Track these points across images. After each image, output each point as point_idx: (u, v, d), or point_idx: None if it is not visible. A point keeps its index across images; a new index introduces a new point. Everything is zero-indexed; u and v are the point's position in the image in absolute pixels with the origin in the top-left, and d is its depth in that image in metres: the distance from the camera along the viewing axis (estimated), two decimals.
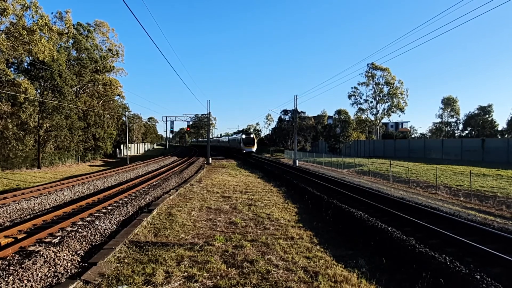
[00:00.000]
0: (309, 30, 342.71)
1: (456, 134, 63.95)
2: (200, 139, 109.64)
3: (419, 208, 11.46)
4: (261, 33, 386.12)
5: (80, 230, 9.20)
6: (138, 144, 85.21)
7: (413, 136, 70.44)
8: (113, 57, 48.10)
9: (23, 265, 6.51)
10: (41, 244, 8.16)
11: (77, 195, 16.00)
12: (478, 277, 5.32)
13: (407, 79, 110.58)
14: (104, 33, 47.44)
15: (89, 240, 8.61)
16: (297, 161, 37.71)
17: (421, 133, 72.89)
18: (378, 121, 65.33)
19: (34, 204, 13.08)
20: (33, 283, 6.05)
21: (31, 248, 7.85)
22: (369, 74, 63.36)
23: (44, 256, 7.01)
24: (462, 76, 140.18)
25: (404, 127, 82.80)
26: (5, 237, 8.71)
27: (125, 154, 46.59)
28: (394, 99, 61.84)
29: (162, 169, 28.18)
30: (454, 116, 64.98)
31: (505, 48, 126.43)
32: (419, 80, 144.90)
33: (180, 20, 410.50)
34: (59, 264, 6.91)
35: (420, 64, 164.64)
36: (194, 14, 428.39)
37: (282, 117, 68.20)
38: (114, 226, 10.16)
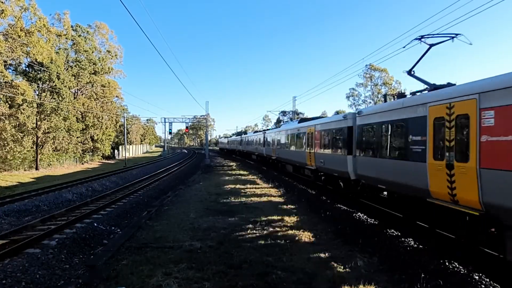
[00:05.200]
0: (308, 30, 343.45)
1: None
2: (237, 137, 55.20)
3: None
4: (260, 33, 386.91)
5: None
6: (137, 146, 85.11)
7: None
8: (111, 58, 48.18)
9: None
10: None
11: None
12: None
13: (405, 79, 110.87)
14: (103, 35, 47.52)
15: None
16: None
17: None
18: None
19: None
20: None
21: None
22: (368, 75, 63.50)
23: None
24: (460, 76, 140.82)
25: None
26: None
27: (124, 155, 46.57)
28: None
29: None
30: None
31: (503, 47, 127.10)
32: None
33: (178, 20, 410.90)
34: None
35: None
36: (192, 15, 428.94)
37: (281, 118, 68.37)
38: None
